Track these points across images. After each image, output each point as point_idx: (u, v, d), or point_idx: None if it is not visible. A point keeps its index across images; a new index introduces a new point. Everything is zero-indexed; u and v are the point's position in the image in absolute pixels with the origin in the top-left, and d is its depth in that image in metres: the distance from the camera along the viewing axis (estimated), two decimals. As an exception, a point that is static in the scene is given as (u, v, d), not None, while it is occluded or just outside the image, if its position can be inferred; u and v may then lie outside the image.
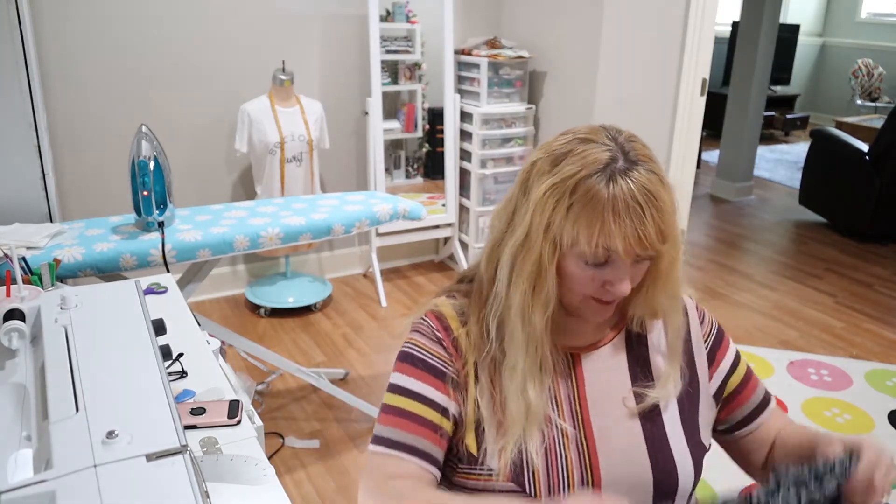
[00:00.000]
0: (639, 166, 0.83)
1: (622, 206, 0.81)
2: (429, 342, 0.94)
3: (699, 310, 1.05)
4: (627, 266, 0.86)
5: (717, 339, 1.04)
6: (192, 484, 0.64)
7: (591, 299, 0.89)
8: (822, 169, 4.60)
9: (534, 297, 0.88)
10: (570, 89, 3.26)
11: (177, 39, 3.02)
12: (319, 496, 2.12)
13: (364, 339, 3.05)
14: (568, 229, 0.84)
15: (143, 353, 0.85)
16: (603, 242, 0.82)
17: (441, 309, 0.97)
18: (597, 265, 0.86)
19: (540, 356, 0.90)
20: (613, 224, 0.81)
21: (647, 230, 0.82)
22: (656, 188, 0.83)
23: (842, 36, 7.93)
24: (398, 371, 0.94)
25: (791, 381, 2.75)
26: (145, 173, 1.85)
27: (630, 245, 0.82)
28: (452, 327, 0.95)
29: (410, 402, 0.91)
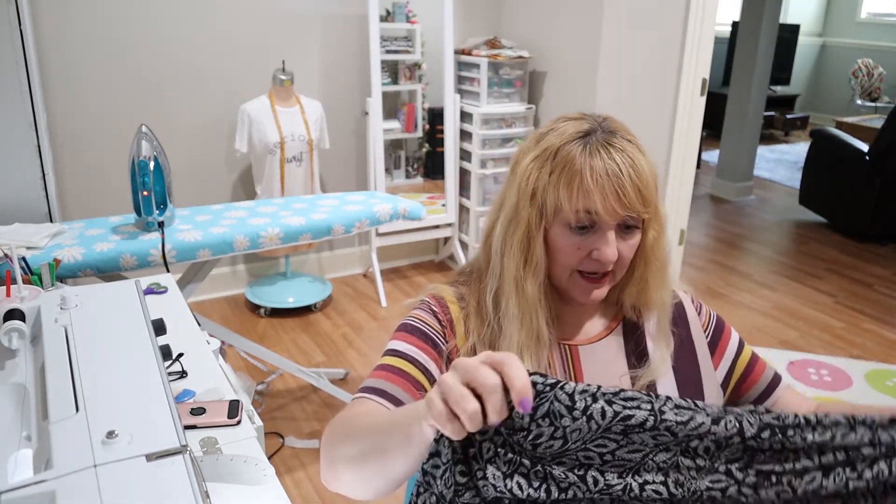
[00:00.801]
0: (616, 136, 0.88)
1: (599, 165, 0.86)
2: (424, 314, 0.97)
3: (695, 302, 1.07)
4: (612, 230, 0.88)
5: (718, 327, 1.06)
6: (192, 484, 0.64)
7: (578, 275, 0.91)
8: (822, 169, 4.60)
9: (525, 267, 0.91)
10: (570, 89, 3.26)
11: (177, 39, 3.02)
12: (319, 496, 2.12)
13: (364, 339, 3.05)
14: (550, 193, 0.88)
15: (143, 353, 0.85)
16: (583, 202, 0.86)
17: (441, 292, 1.00)
18: (581, 230, 0.88)
19: (536, 328, 0.91)
20: (591, 182, 0.85)
21: (626, 188, 0.85)
22: (633, 152, 0.87)
23: (842, 36, 7.93)
24: (395, 338, 0.97)
25: (791, 381, 2.75)
26: (145, 173, 1.85)
27: (610, 204, 0.85)
28: (450, 309, 0.98)
29: (397, 359, 0.94)
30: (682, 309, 1.04)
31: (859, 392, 2.68)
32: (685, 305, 1.05)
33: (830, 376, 2.80)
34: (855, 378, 2.78)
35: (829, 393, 2.68)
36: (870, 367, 2.88)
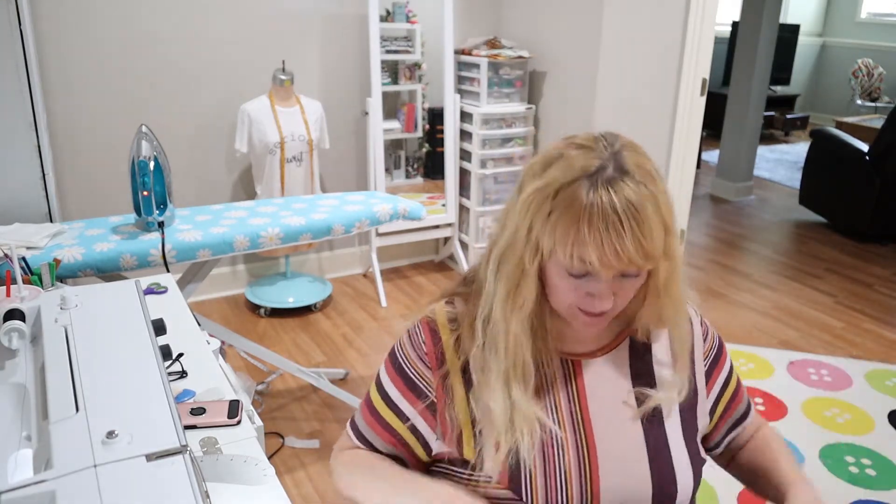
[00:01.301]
0: (627, 178, 0.79)
1: (598, 215, 0.78)
2: (413, 354, 0.95)
3: (703, 325, 1.03)
4: (608, 280, 0.82)
5: (717, 356, 1.03)
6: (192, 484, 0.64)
7: (577, 309, 0.87)
8: (822, 169, 4.60)
9: (513, 301, 0.87)
10: (570, 89, 3.26)
11: (177, 39, 3.02)
12: (319, 496, 2.12)
13: (364, 339, 3.05)
14: (547, 236, 0.81)
15: (143, 353, 0.85)
16: (578, 253, 0.79)
17: (435, 317, 0.96)
18: (577, 276, 0.83)
19: (521, 361, 0.88)
20: (588, 234, 0.78)
21: (625, 245, 0.78)
22: (641, 201, 0.78)
23: (842, 36, 7.93)
24: (384, 366, 1.00)
25: (791, 381, 2.75)
26: (145, 173, 1.85)
27: (607, 258, 0.79)
28: (442, 337, 0.94)
29: (382, 404, 0.98)
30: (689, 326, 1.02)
31: (859, 392, 2.69)
32: (693, 325, 1.01)
33: (830, 376, 2.80)
34: (855, 378, 2.78)
35: (829, 393, 2.68)
36: (870, 367, 2.88)
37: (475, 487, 0.90)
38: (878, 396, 2.66)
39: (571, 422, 0.92)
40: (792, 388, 2.70)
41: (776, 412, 2.55)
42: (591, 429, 0.92)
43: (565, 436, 0.91)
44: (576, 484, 0.89)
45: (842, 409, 2.57)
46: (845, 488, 2.15)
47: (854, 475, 2.21)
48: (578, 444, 0.90)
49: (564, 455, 0.89)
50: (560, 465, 0.89)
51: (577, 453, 0.90)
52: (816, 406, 2.59)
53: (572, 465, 0.89)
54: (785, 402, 2.60)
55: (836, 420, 2.50)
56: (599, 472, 0.89)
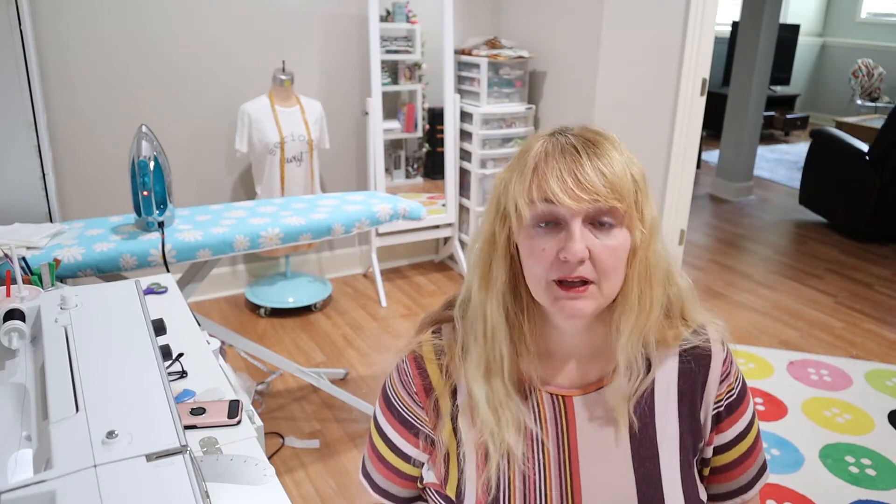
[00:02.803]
0: (588, 131, 0.82)
1: (555, 149, 0.79)
2: (403, 391, 0.92)
3: (725, 363, 0.90)
4: (576, 220, 0.77)
5: (734, 404, 0.91)
6: (192, 484, 0.64)
7: (556, 286, 0.80)
8: (822, 169, 4.60)
9: (486, 280, 0.85)
10: (570, 89, 3.26)
11: (177, 39, 3.02)
12: (319, 496, 2.12)
13: (364, 339, 3.05)
14: (510, 193, 0.82)
15: (143, 353, 0.85)
16: (538, 191, 0.78)
17: (422, 351, 0.92)
18: (544, 227, 0.79)
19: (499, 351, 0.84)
20: (546, 166, 0.78)
21: (584, 169, 0.76)
22: (597, 139, 0.79)
23: (842, 36, 7.93)
24: (379, 407, 0.97)
25: (791, 381, 2.75)
26: (145, 173, 1.85)
27: (567, 186, 0.76)
28: (429, 371, 0.90)
29: (387, 450, 0.96)
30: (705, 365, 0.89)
31: (859, 392, 2.69)
32: (711, 365, 0.89)
33: (830, 376, 2.80)
34: (855, 378, 2.78)
35: (829, 393, 2.68)
36: (870, 367, 2.88)
37: None
38: (879, 396, 2.66)
39: (558, 461, 0.87)
40: (792, 388, 2.70)
41: (776, 412, 2.55)
42: (578, 472, 0.86)
43: (548, 476, 0.86)
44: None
45: (842, 409, 2.57)
46: (845, 488, 2.15)
47: (854, 475, 2.21)
48: (562, 487, 0.86)
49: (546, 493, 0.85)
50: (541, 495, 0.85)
51: (561, 491, 0.86)
52: (816, 406, 2.59)
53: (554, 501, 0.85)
54: (785, 402, 2.60)
55: (836, 420, 2.50)
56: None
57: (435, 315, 0.97)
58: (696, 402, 0.89)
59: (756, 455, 0.95)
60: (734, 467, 0.94)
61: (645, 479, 0.86)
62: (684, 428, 0.88)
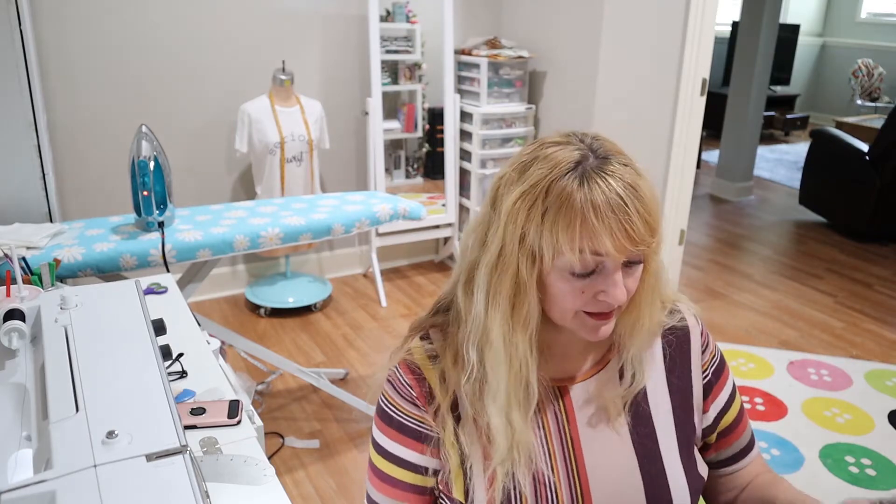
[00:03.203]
0: (611, 160, 0.78)
1: (603, 202, 0.75)
2: (402, 400, 0.90)
3: (703, 334, 0.97)
4: (619, 270, 0.79)
5: (718, 370, 0.97)
6: (192, 484, 0.64)
7: (584, 315, 0.82)
8: (822, 169, 4.60)
9: (514, 318, 0.81)
10: (570, 89, 3.26)
11: (177, 39, 3.02)
12: (319, 496, 2.12)
13: (364, 339, 3.05)
14: (546, 238, 0.77)
15: (143, 353, 0.85)
16: (589, 245, 0.75)
17: (414, 357, 0.91)
18: (584, 275, 0.78)
19: (525, 380, 0.83)
20: (597, 222, 0.75)
21: (635, 224, 0.75)
22: (634, 179, 0.77)
23: (842, 36, 7.93)
24: (377, 427, 0.93)
25: (791, 381, 2.75)
26: (145, 173, 1.85)
27: (620, 242, 0.75)
28: (426, 376, 0.89)
29: (392, 466, 0.92)
30: (685, 340, 0.95)
31: (859, 392, 2.69)
32: (691, 338, 0.95)
33: (830, 376, 2.80)
34: (855, 378, 2.78)
35: (829, 393, 2.68)
36: (870, 367, 2.88)
37: None
38: (878, 396, 2.66)
39: (562, 451, 0.88)
40: (792, 388, 2.70)
41: (776, 412, 2.55)
42: (582, 458, 0.88)
43: (556, 467, 0.87)
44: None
45: (842, 409, 2.57)
46: (845, 488, 2.15)
47: (854, 475, 2.21)
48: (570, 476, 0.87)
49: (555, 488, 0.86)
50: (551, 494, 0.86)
51: (569, 486, 0.87)
52: (816, 406, 2.59)
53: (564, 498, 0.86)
54: (785, 402, 2.60)
55: (836, 420, 2.50)
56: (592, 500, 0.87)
57: (421, 321, 0.96)
58: (685, 376, 0.94)
59: (746, 417, 1.02)
60: (737, 423, 1.00)
61: (646, 456, 0.89)
62: (676, 403, 0.93)
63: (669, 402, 0.92)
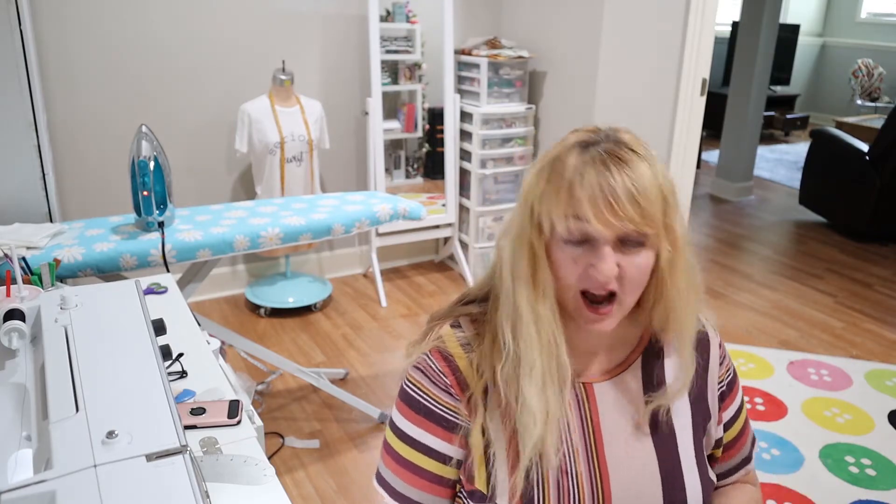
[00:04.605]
0: (622, 146, 0.80)
1: (591, 173, 0.78)
2: (434, 388, 0.89)
3: (721, 347, 1.00)
4: (607, 244, 0.79)
5: (730, 383, 0.99)
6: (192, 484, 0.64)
7: (582, 299, 0.83)
8: (822, 169, 4.60)
9: (535, 288, 0.84)
10: (570, 89, 3.26)
11: (177, 39, 3.02)
12: (319, 496, 2.12)
13: (364, 339, 3.05)
14: (544, 207, 0.82)
15: (143, 353, 0.85)
16: (572, 211, 0.78)
17: (447, 346, 0.90)
18: (577, 243, 0.80)
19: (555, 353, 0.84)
20: (581, 190, 0.78)
21: (618, 196, 0.76)
22: (633, 159, 0.79)
23: (842, 36, 7.93)
24: (399, 412, 0.92)
25: (791, 381, 2.75)
26: (145, 173, 1.85)
27: (601, 211, 0.77)
28: (459, 364, 0.89)
29: (412, 451, 0.90)
30: (706, 349, 0.97)
31: (859, 392, 2.69)
32: (710, 348, 0.97)
33: (830, 376, 2.80)
34: (855, 378, 2.78)
35: (829, 393, 2.68)
36: (870, 367, 2.88)
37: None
38: (878, 396, 2.66)
39: (585, 449, 0.89)
40: (792, 388, 2.70)
41: (776, 412, 2.55)
42: (604, 456, 0.89)
43: (578, 463, 0.88)
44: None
45: (842, 409, 2.57)
46: (845, 488, 2.15)
47: (854, 475, 2.21)
48: (591, 472, 0.88)
49: (577, 482, 0.87)
50: (573, 493, 0.86)
51: (591, 481, 0.88)
52: (816, 406, 2.59)
53: (586, 496, 0.87)
54: (785, 402, 2.60)
55: (836, 420, 2.50)
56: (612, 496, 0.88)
57: (447, 310, 0.96)
58: (703, 385, 0.95)
59: (748, 424, 1.04)
60: (739, 438, 1.01)
61: (666, 459, 0.90)
62: (695, 409, 0.94)
63: (690, 407, 0.94)
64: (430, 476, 0.90)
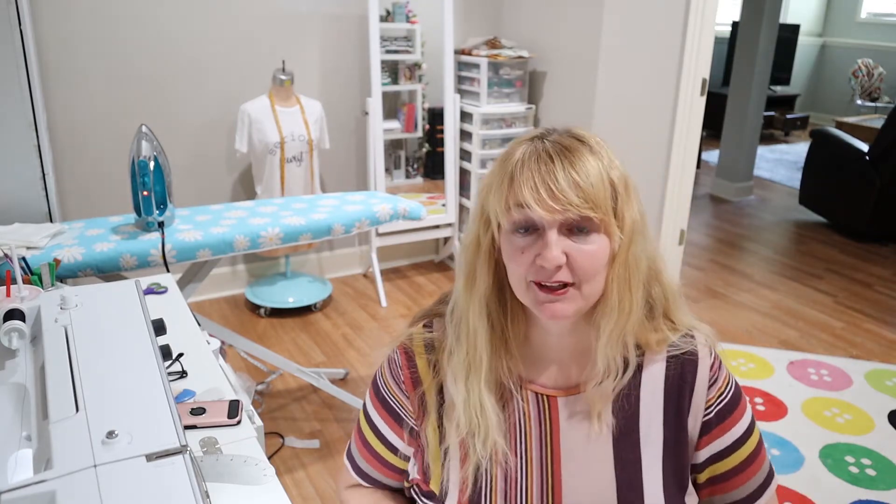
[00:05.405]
0: (567, 137, 0.82)
1: (532, 161, 0.79)
2: (391, 381, 0.95)
3: (713, 369, 0.89)
4: (552, 229, 0.79)
5: (725, 410, 0.89)
6: (192, 484, 0.64)
7: (535, 288, 0.81)
8: (822, 169, 4.60)
9: (470, 283, 0.87)
10: (570, 89, 3.26)
11: (177, 39, 3.02)
12: (319, 496, 2.12)
13: (364, 339, 3.05)
14: (490, 200, 0.83)
15: (143, 353, 0.85)
16: (514, 199, 0.80)
17: (412, 344, 0.94)
18: (523, 233, 0.81)
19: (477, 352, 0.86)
20: (520, 175, 0.79)
21: (557, 179, 0.77)
22: (574, 145, 0.80)
23: (842, 36, 7.93)
24: (369, 395, 1.00)
25: (791, 381, 2.75)
26: (145, 173, 1.85)
27: (541, 196, 0.77)
28: (417, 363, 0.93)
29: (370, 433, 0.99)
30: (692, 370, 0.88)
31: (859, 392, 2.69)
32: (698, 369, 0.88)
33: (830, 376, 2.80)
34: (855, 378, 2.78)
35: (829, 393, 2.68)
36: (870, 367, 2.88)
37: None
38: (878, 396, 2.66)
39: (540, 460, 0.88)
40: (792, 388, 2.70)
41: (776, 412, 2.55)
42: (560, 470, 0.87)
43: (530, 473, 0.87)
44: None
45: (842, 409, 2.57)
46: (845, 488, 2.15)
47: (854, 475, 2.21)
48: (543, 484, 0.87)
49: (527, 492, 0.87)
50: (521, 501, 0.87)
51: (541, 492, 0.87)
52: (816, 406, 2.59)
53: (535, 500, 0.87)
54: (785, 402, 2.60)
55: (836, 420, 2.50)
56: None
57: (428, 309, 0.99)
58: (683, 408, 0.88)
59: (760, 462, 0.92)
60: (736, 474, 0.91)
61: (626, 482, 0.86)
62: (669, 433, 0.87)
63: (662, 431, 0.87)
64: (382, 460, 0.98)
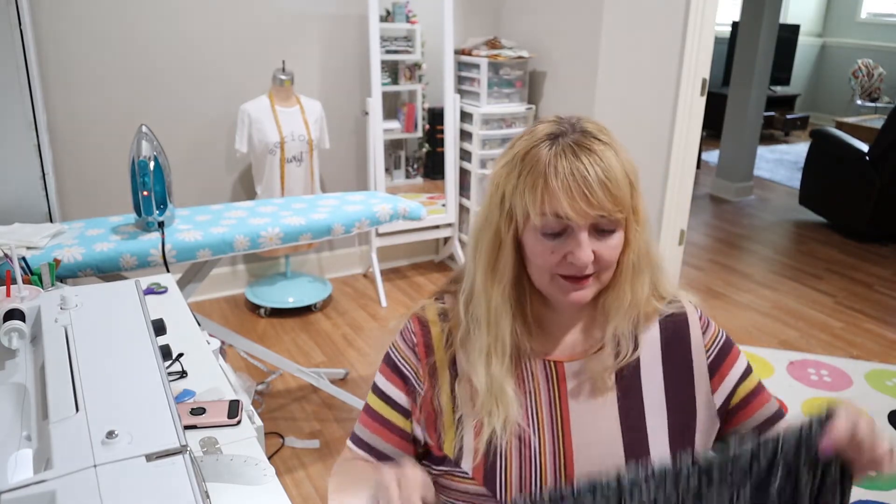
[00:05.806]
0: (588, 136, 0.85)
1: (564, 166, 0.82)
2: (404, 346, 0.98)
3: (702, 319, 0.99)
4: (583, 231, 0.84)
5: (723, 349, 0.98)
6: (192, 484, 0.64)
7: (559, 277, 0.88)
8: (822, 169, 4.60)
9: (492, 272, 0.90)
10: (570, 89, 3.26)
11: (177, 39, 3.02)
12: (319, 496, 2.12)
13: (364, 339, 3.05)
14: (518, 199, 0.86)
15: (143, 353, 0.85)
16: (550, 207, 0.83)
17: (425, 312, 0.99)
18: (553, 235, 0.85)
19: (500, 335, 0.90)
20: (556, 184, 0.82)
21: (593, 188, 0.81)
22: (603, 151, 0.84)
23: (842, 36, 7.93)
24: (379, 370, 1.01)
25: (791, 381, 2.75)
26: (145, 173, 1.85)
27: (577, 204, 0.82)
28: (431, 329, 0.97)
29: (379, 401, 0.99)
30: (683, 325, 0.97)
31: (859, 392, 2.69)
32: (689, 322, 0.97)
33: (830, 376, 2.80)
34: (855, 378, 2.78)
35: (829, 393, 2.68)
36: (869, 367, 2.88)
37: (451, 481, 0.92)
38: (878, 396, 2.66)
39: (551, 423, 0.92)
40: (792, 388, 2.70)
41: (776, 412, 2.55)
42: (570, 431, 0.91)
43: (542, 436, 0.91)
44: (550, 482, 0.89)
45: (842, 409, 2.57)
46: (845, 488, 2.15)
47: (854, 475, 2.21)
48: (555, 446, 0.91)
49: (540, 454, 0.90)
50: (535, 464, 0.90)
51: (554, 454, 0.90)
52: (816, 406, 2.58)
53: (547, 464, 0.90)
54: (785, 403, 2.61)
55: (836, 420, 2.50)
56: (574, 472, 0.90)
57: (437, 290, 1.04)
58: (684, 361, 0.96)
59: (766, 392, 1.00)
60: (756, 396, 0.98)
61: (633, 442, 0.92)
62: (669, 386, 0.95)
63: (663, 385, 0.94)
64: (391, 426, 0.97)
